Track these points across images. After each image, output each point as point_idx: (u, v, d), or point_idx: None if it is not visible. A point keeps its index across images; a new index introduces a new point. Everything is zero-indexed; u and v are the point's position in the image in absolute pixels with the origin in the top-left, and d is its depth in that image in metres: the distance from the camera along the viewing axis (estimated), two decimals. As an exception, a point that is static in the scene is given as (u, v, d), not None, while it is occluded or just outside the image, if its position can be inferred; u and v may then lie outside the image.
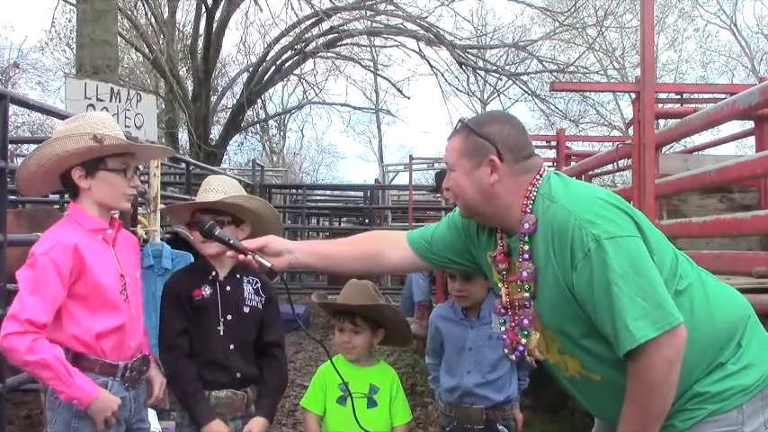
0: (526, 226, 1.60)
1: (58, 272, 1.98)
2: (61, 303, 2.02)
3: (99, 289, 2.08)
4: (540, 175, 1.64)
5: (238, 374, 2.37)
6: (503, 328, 1.74)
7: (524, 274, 1.62)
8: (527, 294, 1.63)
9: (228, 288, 2.41)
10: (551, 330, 1.64)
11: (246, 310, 2.42)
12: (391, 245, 1.98)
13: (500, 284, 1.73)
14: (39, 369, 1.95)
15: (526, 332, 1.67)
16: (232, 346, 2.37)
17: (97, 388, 2.04)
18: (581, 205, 1.52)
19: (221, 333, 2.36)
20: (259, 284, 2.49)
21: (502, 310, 1.73)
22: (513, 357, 1.72)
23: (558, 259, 1.53)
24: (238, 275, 2.45)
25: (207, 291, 2.38)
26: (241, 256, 1.91)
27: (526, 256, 1.61)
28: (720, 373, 1.53)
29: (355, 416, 2.23)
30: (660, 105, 4.57)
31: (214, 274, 2.41)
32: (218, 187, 2.41)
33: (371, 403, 2.40)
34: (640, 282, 1.43)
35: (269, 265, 1.89)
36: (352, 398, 2.28)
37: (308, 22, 11.55)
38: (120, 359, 2.14)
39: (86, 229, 2.12)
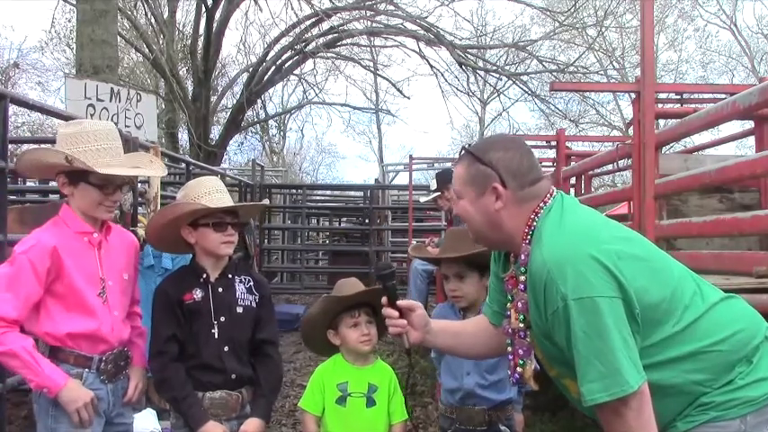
0: (523, 257, 1.61)
1: (34, 271, 2.09)
2: (40, 299, 2.13)
3: (74, 290, 2.17)
4: (545, 203, 1.63)
5: (233, 376, 2.36)
6: (509, 349, 1.76)
7: (519, 304, 1.64)
8: (522, 325, 1.66)
9: (220, 289, 2.41)
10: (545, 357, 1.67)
11: (240, 310, 2.41)
12: (486, 323, 1.95)
13: (509, 305, 1.73)
14: (7, 359, 2.07)
15: (522, 361, 1.70)
16: (226, 348, 2.37)
17: (66, 378, 2.11)
18: (558, 258, 1.50)
19: (216, 336, 2.36)
20: (252, 283, 2.48)
21: (510, 331, 1.74)
22: (513, 381, 1.76)
23: (533, 304, 1.57)
24: (230, 275, 2.45)
25: (198, 294, 2.37)
26: (396, 321, 1.83)
27: (522, 287, 1.62)
28: (727, 387, 1.53)
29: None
30: (660, 105, 4.57)
31: (205, 276, 2.40)
32: (223, 188, 2.43)
33: (371, 402, 2.40)
34: (601, 345, 1.44)
35: (407, 345, 1.83)
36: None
37: (308, 22, 11.53)
38: (96, 353, 2.21)
39: (72, 231, 2.23)
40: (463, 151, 1.72)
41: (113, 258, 2.31)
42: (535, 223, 1.61)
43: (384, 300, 1.84)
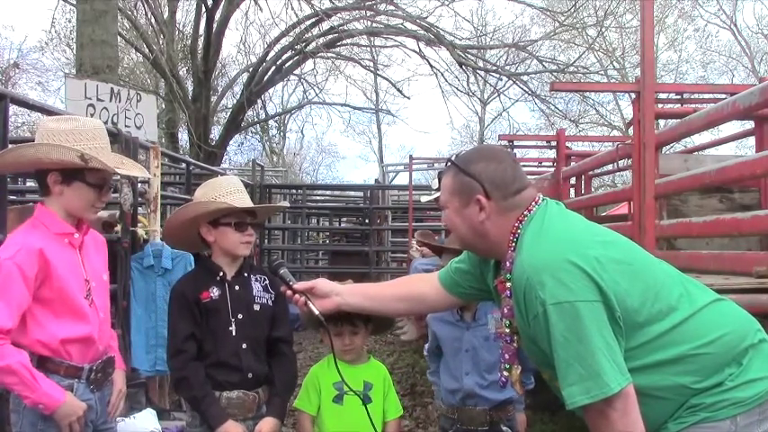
0: (507, 264, 1.64)
1: (23, 276, 1.97)
2: (26, 308, 2.01)
3: (64, 294, 2.07)
4: (529, 211, 1.66)
5: (250, 375, 2.36)
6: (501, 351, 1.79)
7: (505, 310, 1.68)
8: (507, 330, 1.70)
9: (237, 287, 2.41)
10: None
11: (257, 308, 2.42)
12: (429, 286, 2.03)
13: (497, 313, 1.79)
14: (3, 375, 1.94)
15: (507, 366, 1.74)
16: (244, 345, 2.37)
17: (64, 393, 2.03)
18: (536, 264, 1.52)
19: (233, 333, 2.36)
20: (267, 281, 2.49)
21: (500, 335, 1.78)
22: (501, 383, 1.81)
23: (517, 310, 1.61)
24: (246, 274, 2.46)
25: (215, 292, 2.38)
26: (296, 297, 2.01)
27: (508, 293, 1.65)
28: (717, 389, 1.54)
29: (369, 415, 2.24)
30: (660, 105, 4.58)
31: (221, 274, 2.41)
32: (243, 188, 2.44)
33: (367, 400, 2.40)
34: (580, 349, 1.45)
35: (317, 312, 1.98)
36: (364, 401, 2.31)
37: (308, 22, 11.54)
38: (86, 362, 2.13)
39: (52, 233, 2.11)
40: (449, 162, 1.76)
41: (92, 259, 2.24)
42: (519, 231, 1.64)
43: (283, 287, 2.07)
